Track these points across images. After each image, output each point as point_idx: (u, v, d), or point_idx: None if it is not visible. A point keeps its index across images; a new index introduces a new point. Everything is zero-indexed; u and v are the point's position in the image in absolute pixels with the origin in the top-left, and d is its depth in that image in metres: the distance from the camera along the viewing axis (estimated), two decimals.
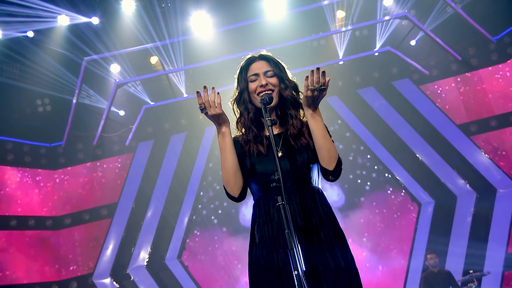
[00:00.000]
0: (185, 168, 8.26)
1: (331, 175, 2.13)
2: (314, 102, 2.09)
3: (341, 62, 7.98)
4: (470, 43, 7.97)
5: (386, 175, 8.15)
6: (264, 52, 2.29)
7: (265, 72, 2.23)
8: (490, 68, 7.97)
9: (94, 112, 7.94)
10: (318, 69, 2.04)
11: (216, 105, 2.09)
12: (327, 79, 2.05)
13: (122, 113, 8.21)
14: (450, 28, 7.72)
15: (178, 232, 8.00)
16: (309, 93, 2.06)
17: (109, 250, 7.81)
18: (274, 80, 2.22)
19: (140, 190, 8.14)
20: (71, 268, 7.86)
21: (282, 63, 2.27)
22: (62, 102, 7.75)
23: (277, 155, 1.96)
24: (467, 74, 8.06)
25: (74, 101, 7.69)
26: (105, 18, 7.25)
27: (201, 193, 8.21)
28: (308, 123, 2.13)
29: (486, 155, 7.82)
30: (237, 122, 2.26)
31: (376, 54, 8.05)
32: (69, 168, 8.21)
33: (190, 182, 8.23)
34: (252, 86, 2.22)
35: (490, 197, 7.58)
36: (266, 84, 2.20)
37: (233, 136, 2.22)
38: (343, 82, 8.14)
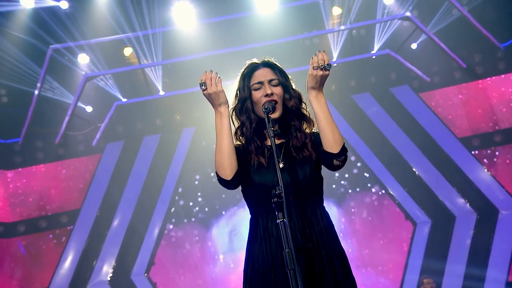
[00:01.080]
0: (158, 173, 8.20)
1: (336, 158, 2.18)
2: (319, 82, 2.20)
3: (335, 64, 7.99)
4: (476, 49, 8.01)
5: (379, 189, 8.17)
6: (267, 59, 2.37)
7: (270, 81, 2.31)
8: (496, 77, 8.01)
9: (58, 107, 7.79)
10: (324, 51, 2.22)
11: (217, 82, 2.20)
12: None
13: (89, 109, 8.09)
14: (455, 32, 7.75)
15: (147, 244, 7.90)
16: (315, 72, 2.18)
17: (68, 262, 7.67)
18: (278, 90, 2.30)
19: (106, 195, 8.05)
20: (24, 282, 7.72)
21: (285, 72, 2.35)
22: (22, 94, 7.58)
23: (279, 169, 2.03)
24: (471, 83, 8.11)
25: (36, 93, 7.52)
26: (75, 2, 7.14)
27: (176, 201, 8.18)
28: (312, 105, 2.22)
29: (489, 172, 7.85)
30: (236, 132, 2.32)
31: (374, 57, 8.05)
32: (25, 168, 8.06)
33: (164, 188, 8.16)
34: (256, 95, 2.29)
35: (491, 219, 7.59)
36: (272, 94, 2.27)
37: (237, 144, 2.32)
38: (337, 86, 8.15)
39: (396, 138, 8.14)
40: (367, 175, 8.21)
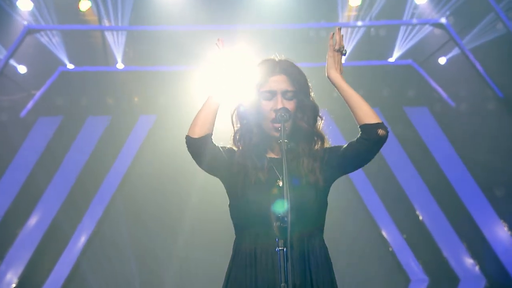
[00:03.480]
0: (100, 165, 8.09)
1: (381, 128, 2.37)
2: (338, 63, 2.43)
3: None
4: None
5: (371, 230, 8.05)
6: (287, 62, 2.48)
7: (284, 93, 2.42)
8: None
9: None
10: (339, 29, 2.43)
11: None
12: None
13: (23, 70, 7.81)
14: (497, 52, 7.68)
15: (71, 252, 7.73)
16: (336, 54, 2.44)
17: None
18: (291, 105, 2.41)
19: (27, 183, 7.92)
20: None
21: (306, 79, 2.48)
22: None
23: (287, 187, 2.15)
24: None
25: None
26: None
27: (117, 202, 8.06)
28: (339, 86, 2.43)
29: (510, 232, 7.82)
30: (234, 136, 2.46)
31: (392, 65, 8.01)
32: None
33: (104, 184, 8.05)
34: (265, 105, 2.41)
35: None
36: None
37: (228, 146, 2.47)
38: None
39: (401, 169, 8.14)
40: (359, 210, 8.17)
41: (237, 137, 2.46)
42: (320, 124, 2.50)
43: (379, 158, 7.98)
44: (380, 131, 2.37)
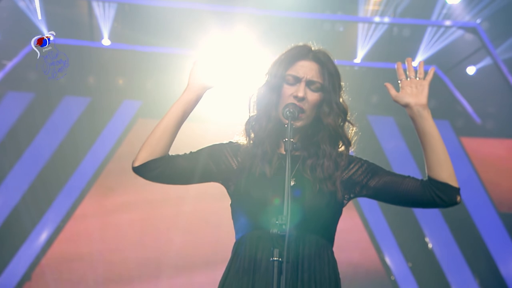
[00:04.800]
0: (73, 151, 8.03)
1: (459, 193, 2.39)
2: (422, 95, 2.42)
3: (356, 67, 7.94)
4: None
5: (374, 255, 7.99)
6: (322, 50, 2.48)
7: (310, 82, 2.41)
8: None
9: None
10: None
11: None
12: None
13: None
14: None
15: (29, 250, 7.65)
16: (417, 81, 2.45)
17: None
18: (315, 97, 2.42)
19: None
20: None
21: (339, 76, 2.50)
22: None
23: (289, 190, 2.13)
24: None
25: None
26: None
27: (89, 196, 7.98)
28: (425, 123, 2.38)
29: None
30: (248, 122, 2.48)
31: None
32: None
33: (76, 174, 7.99)
34: (286, 90, 2.42)
35: None
36: (302, 99, 2.38)
37: (234, 141, 2.52)
38: (351, 98, 7.91)
39: None
40: (361, 230, 8.11)
41: (252, 123, 2.46)
42: (352, 131, 2.53)
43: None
44: (459, 198, 2.41)
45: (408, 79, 2.46)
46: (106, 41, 7.62)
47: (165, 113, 2.43)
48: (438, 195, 2.37)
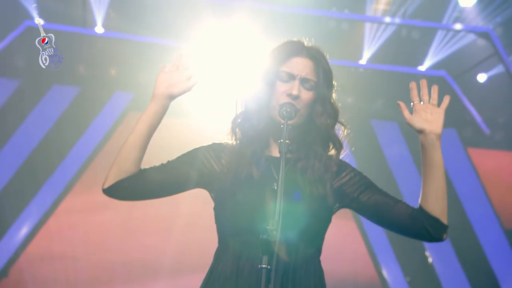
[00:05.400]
0: (61, 143, 8.00)
1: (445, 231, 2.39)
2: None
3: (362, 69, 7.95)
4: None
5: (371, 268, 7.97)
6: (316, 48, 2.50)
7: (304, 80, 2.42)
8: None
9: None
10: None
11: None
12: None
13: None
14: None
15: (7, 245, 7.62)
16: (433, 108, 2.43)
17: None
18: (309, 96, 2.42)
19: None
20: None
21: (332, 75, 2.50)
22: None
23: (281, 193, 2.13)
24: None
25: None
26: None
27: (75, 190, 7.95)
28: (434, 153, 2.36)
29: None
30: (234, 120, 2.46)
31: (420, 75, 7.89)
32: None
33: (61, 167, 7.96)
34: (279, 87, 2.41)
35: None
36: (297, 97, 2.38)
37: (217, 141, 2.50)
38: (354, 100, 8.06)
39: (415, 197, 7.91)
40: (358, 241, 8.09)
41: (240, 121, 2.45)
42: (343, 133, 2.52)
43: (389, 182, 8.07)
44: (445, 236, 2.41)
45: (422, 102, 2.44)
46: (99, 29, 7.58)
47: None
48: (427, 229, 2.37)
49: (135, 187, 2.40)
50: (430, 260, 7.93)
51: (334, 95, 2.50)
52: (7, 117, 7.87)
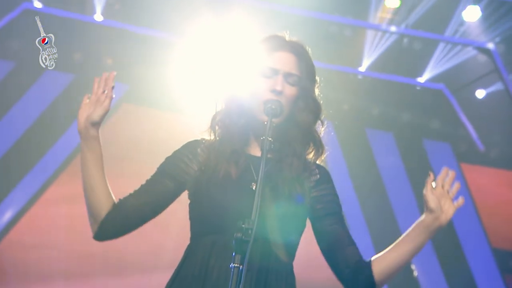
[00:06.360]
0: (51, 129, 7.96)
1: None
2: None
3: (360, 76, 7.92)
4: None
5: None
6: (299, 42, 2.46)
7: (288, 75, 2.38)
8: None
9: None
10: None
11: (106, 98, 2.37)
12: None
13: None
14: None
15: None
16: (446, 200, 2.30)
17: None
18: (293, 91, 2.38)
19: None
20: None
21: (315, 70, 2.46)
22: None
23: (259, 194, 2.11)
24: None
25: None
26: None
27: (62, 179, 7.91)
28: (423, 238, 2.31)
29: None
30: (213, 118, 2.42)
31: (418, 87, 7.98)
32: None
33: (50, 153, 7.95)
34: (261, 83, 2.37)
35: None
36: (281, 93, 2.34)
37: (191, 140, 2.45)
38: (351, 108, 8.04)
39: (404, 208, 8.10)
40: None
41: (217, 118, 2.41)
42: (321, 130, 2.48)
43: (380, 192, 8.07)
44: None
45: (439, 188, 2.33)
46: (98, 17, 7.55)
47: (154, 102, 2.41)
48: (358, 286, 2.33)
49: (118, 222, 2.37)
50: (415, 273, 7.90)
51: (317, 91, 2.46)
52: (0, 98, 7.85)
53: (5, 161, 7.79)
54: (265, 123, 2.25)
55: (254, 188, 2.22)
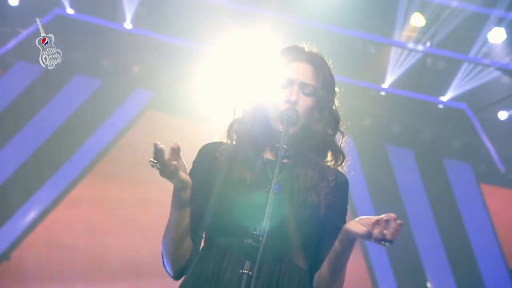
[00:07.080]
0: (75, 134, 8.00)
1: None
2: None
3: (383, 93, 7.91)
4: None
5: None
6: (316, 52, 2.45)
7: (303, 85, 2.37)
8: None
9: None
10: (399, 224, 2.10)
11: (171, 165, 2.18)
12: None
13: (14, 2, 7.66)
14: None
15: (12, 227, 7.65)
16: (373, 236, 2.12)
17: None
18: (308, 102, 2.36)
19: None
20: None
21: (334, 82, 2.44)
22: None
23: (271, 200, 2.10)
24: None
25: None
26: None
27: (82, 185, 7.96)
28: (348, 246, 2.24)
29: None
30: (230, 125, 2.43)
31: (441, 106, 7.96)
32: None
33: (73, 158, 7.97)
34: (278, 93, 2.37)
35: None
36: (295, 103, 2.33)
37: (214, 141, 2.45)
38: (372, 123, 8.09)
39: (422, 227, 8.05)
40: (363, 274, 8.06)
41: (235, 125, 2.41)
42: (341, 142, 2.45)
43: (397, 206, 7.97)
44: None
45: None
46: (128, 25, 7.62)
47: (179, 110, 2.39)
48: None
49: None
50: None
51: (336, 102, 2.44)
52: (26, 101, 7.88)
53: (31, 162, 7.82)
54: (281, 130, 2.24)
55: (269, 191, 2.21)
